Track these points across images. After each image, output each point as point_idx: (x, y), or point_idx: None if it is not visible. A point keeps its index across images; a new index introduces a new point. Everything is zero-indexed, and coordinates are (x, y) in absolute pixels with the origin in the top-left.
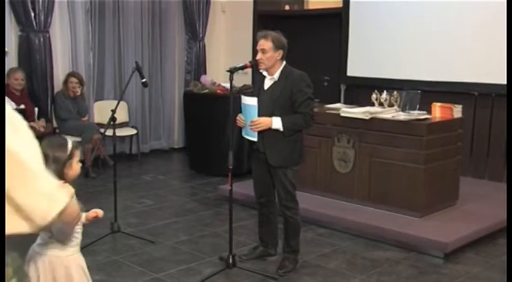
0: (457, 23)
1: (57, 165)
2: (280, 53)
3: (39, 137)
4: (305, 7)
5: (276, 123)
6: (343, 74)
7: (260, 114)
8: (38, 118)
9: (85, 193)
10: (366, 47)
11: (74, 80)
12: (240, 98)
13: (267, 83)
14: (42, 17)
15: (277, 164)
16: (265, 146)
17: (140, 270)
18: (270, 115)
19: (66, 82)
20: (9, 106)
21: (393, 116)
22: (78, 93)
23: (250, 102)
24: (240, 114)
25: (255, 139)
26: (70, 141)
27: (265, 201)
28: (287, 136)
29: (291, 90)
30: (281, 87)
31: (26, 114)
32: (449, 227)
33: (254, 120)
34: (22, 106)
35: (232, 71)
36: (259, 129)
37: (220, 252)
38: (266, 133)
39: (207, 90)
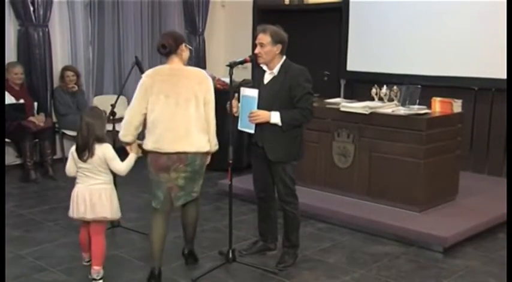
0: (456, 17)
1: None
2: (279, 47)
3: (38, 131)
4: (305, 1)
5: (275, 117)
6: (343, 68)
7: (259, 108)
8: (38, 113)
9: None
10: (365, 41)
11: (69, 73)
12: (239, 93)
13: (267, 78)
14: (41, 12)
15: (276, 159)
16: (263, 140)
17: (140, 265)
18: (269, 109)
19: (62, 77)
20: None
21: (393, 111)
22: (75, 89)
23: (250, 93)
24: (234, 101)
25: (252, 131)
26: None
27: (265, 196)
28: (286, 131)
29: (290, 84)
30: (280, 82)
31: (26, 109)
32: (448, 221)
33: (253, 111)
34: (21, 101)
35: (232, 66)
36: (257, 121)
37: (220, 247)
38: (265, 127)
39: None
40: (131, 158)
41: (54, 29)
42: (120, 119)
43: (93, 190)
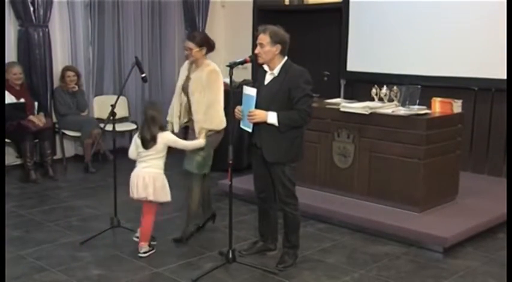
0: (457, 17)
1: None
2: (278, 47)
3: (38, 131)
4: (305, 1)
5: (272, 117)
6: (343, 69)
7: (258, 108)
8: (38, 112)
9: (85, 188)
10: (365, 41)
11: (70, 73)
12: (239, 93)
13: (267, 78)
14: (41, 12)
15: (273, 160)
16: (262, 141)
17: (140, 265)
18: (268, 110)
19: (63, 77)
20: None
21: (393, 111)
22: (76, 89)
23: (249, 92)
24: (238, 107)
25: (250, 130)
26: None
27: (265, 196)
28: (283, 131)
29: (289, 86)
30: (280, 83)
31: (26, 108)
32: (448, 221)
33: (250, 111)
34: (22, 100)
35: (232, 66)
36: (254, 121)
37: (220, 247)
38: (263, 128)
39: None
40: (201, 142)
41: (54, 29)
42: (120, 119)
43: (143, 173)
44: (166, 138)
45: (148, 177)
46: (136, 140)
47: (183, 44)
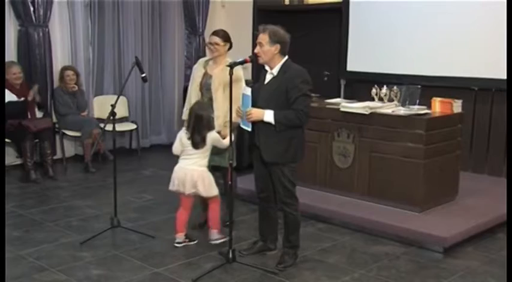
0: (456, 17)
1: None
2: (277, 47)
3: (38, 131)
4: (305, 1)
5: (268, 116)
6: (343, 69)
7: (257, 107)
8: (39, 109)
9: (85, 188)
10: (365, 41)
11: (69, 72)
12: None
13: (268, 78)
14: (41, 12)
15: (271, 160)
16: (260, 141)
17: (140, 265)
18: (266, 109)
19: (62, 77)
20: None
21: (393, 111)
22: (76, 88)
23: (246, 92)
24: (239, 105)
25: (249, 129)
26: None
27: (266, 196)
28: (279, 130)
29: (287, 85)
30: (278, 82)
31: (27, 107)
32: (448, 221)
33: (248, 110)
34: (23, 98)
35: (232, 66)
36: (252, 120)
37: (220, 247)
38: (261, 127)
39: None
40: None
41: (54, 29)
42: (120, 119)
43: (187, 170)
44: (212, 138)
45: (197, 175)
46: (182, 138)
47: (208, 40)
